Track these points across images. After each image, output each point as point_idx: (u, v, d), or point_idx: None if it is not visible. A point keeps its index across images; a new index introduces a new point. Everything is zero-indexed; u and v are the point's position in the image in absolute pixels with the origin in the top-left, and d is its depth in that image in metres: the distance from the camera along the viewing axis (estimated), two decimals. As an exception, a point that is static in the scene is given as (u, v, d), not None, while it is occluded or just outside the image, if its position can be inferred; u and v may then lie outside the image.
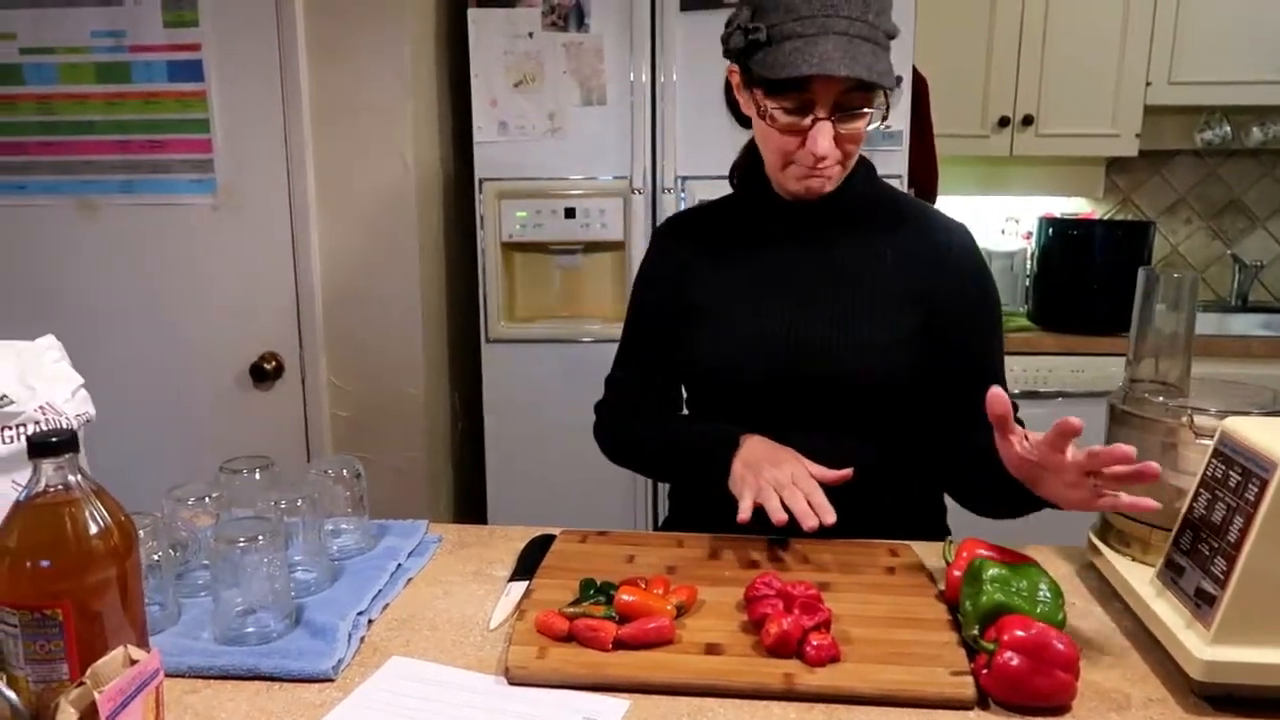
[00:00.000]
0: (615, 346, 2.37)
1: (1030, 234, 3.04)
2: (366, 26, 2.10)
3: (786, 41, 1.08)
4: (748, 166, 1.30)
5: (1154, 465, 0.87)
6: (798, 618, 0.91)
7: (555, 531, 1.21)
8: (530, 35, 2.24)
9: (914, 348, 1.22)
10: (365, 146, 2.15)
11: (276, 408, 2.25)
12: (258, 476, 1.13)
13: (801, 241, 1.27)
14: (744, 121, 1.27)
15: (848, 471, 1.15)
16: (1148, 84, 2.71)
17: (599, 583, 1.02)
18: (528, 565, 1.11)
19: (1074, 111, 2.75)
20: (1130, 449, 0.87)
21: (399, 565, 1.13)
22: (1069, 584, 1.09)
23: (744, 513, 1.09)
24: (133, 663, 0.70)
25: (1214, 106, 2.83)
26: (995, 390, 0.96)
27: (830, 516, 1.06)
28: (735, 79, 1.22)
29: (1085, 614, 1.03)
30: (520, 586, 1.06)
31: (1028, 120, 2.76)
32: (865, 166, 1.27)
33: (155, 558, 1.00)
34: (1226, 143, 2.89)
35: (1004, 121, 2.76)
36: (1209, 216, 3.12)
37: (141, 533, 0.97)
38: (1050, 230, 2.68)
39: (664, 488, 2.40)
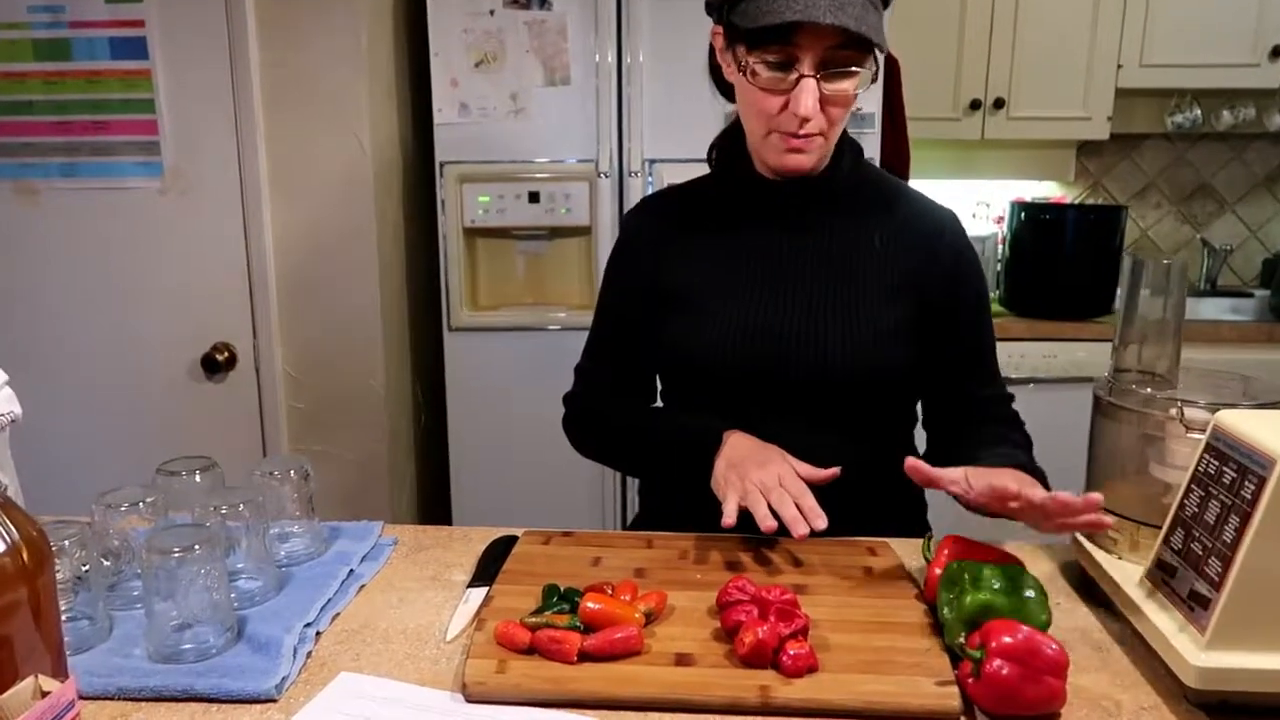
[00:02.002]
0: (583, 335, 2.31)
1: (1001, 218, 3.01)
2: (321, 2, 2.01)
3: None
4: (727, 146, 1.24)
5: (1107, 520, 0.92)
6: (773, 625, 0.86)
7: (518, 532, 1.15)
8: (491, 13, 2.16)
9: (904, 338, 1.18)
10: (320, 128, 2.07)
11: (230, 400, 2.16)
12: (198, 479, 1.06)
13: (785, 225, 1.21)
14: (727, 93, 1.21)
15: (836, 470, 1.10)
16: (1119, 66, 2.69)
17: (563, 589, 0.96)
18: (488, 570, 1.05)
19: (1045, 94, 2.72)
20: (1098, 496, 0.90)
21: (351, 571, 1.06)
22: (1052, 583, 1.05)
23: (729, 517, 1.03)
24: (44, 694, 0.63)
25: (1185, 90, 2.81)
26: (910, 462, 0.98)
27: (821, 522, 1.01)
28: (719, 42, 1.16)
29: (1069, 613, 0.99)
30: (479, 593, 1.01)
31: (999, 103, 2.72)
32: (853, 147, 1.22)
33: (85, 569, 0.93)
34: (1197, 126, 2.88)
35: (975, 104, 2.73)
36: (1178, 200, 3.11)
37: (68, 542, 0.90)
38: (1022, 214, 2.66)
39: (634, 481, 2.35)
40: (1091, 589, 1.02)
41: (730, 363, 1.19)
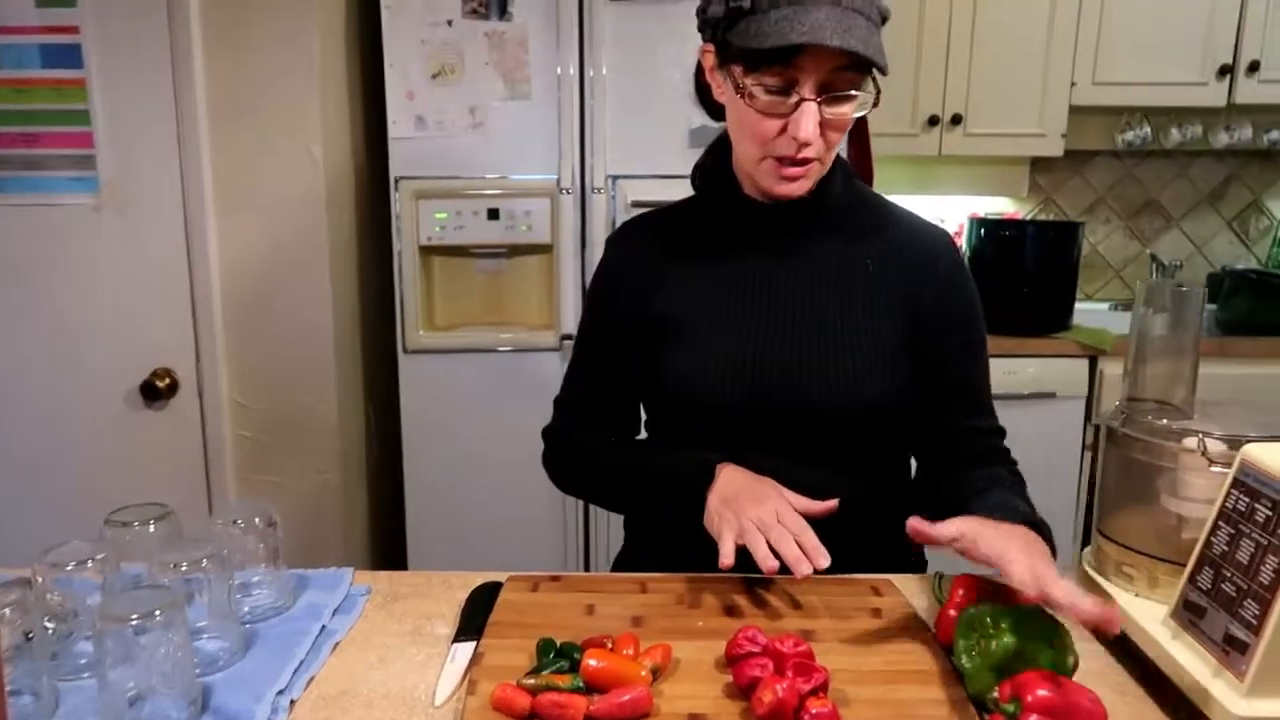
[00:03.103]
0: (544, 357, 2.26)
1: (959, 233, 3.02)
2: (270, 10, 1.91)
3: (774, 9, 0.97)
4: (712, 167, 1.19)
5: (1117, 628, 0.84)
6: (792, 681, 0.80)
7: (501, 577, 1.08)
8: (449, 23, 2.09)
9: (900, 366, 1.13)
10: (269, 142, 1.97)
11: (171, 429, 2.04)
12: (152, 529, 0.97)
13: (775, 249, 1.16)
14: (714, 113, 1.16)
15: (833, 503, 1.05)
16: (1073, 84, 2.71)
17: (559, 644, 0.89)
18: (473, 621, 0.98)
19: (1002, 111, 2.73)
20: (1116, 614, 0.83)
21: (323, 627, 0.98)
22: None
23: (726, 557, 0.97)
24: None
25: (1135, 107, 2.85)
26: (912, 525, 0.94)
27: (824, 560, 0.96)
28: (708, 60, 1.11)
29: (1088, 655, 0.94)
30: (467, 649, 0.93)
31: (956, 119, 2.73)
32: (841, 166, 1.17)
33: (27, 635, 0.83)
34: (1146, 144, 2.92)
35: (933, 120, 2.73)
36: (1127, 216, 3.16)
37: (8, 610, 0.81)
38: (982, 230, 2.66)
39: (598, 511, 2.28)
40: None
41: (720, 393, 1.13)
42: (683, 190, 1.25)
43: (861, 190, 1.23)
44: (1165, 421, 0.94)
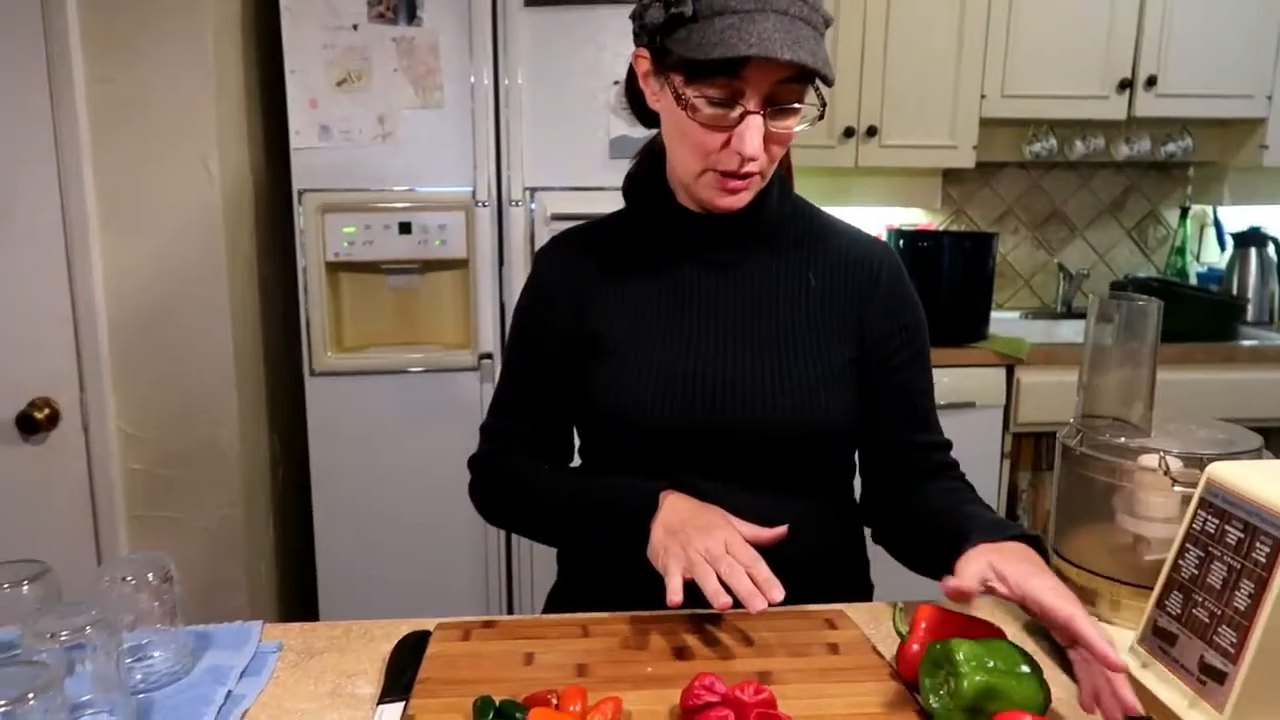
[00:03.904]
0: (461, 377, 2.16)
1: (874, 245, 3.03)
2: (158, 10, 1.78)
3: (718, 17, 0.91)
4: (644, 177, 1.13)
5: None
6: (758, 735, 0.74)
7: (429, 625, 0.99)
8: (354, 28, 1.98)
9: (847, 384, 1.08)
10: (160, 153, 1.82)
11: (51, 464, 1.87)
12: (25, 590, 0.85)
13: (713, 262, 1.11)
14: (646, 120, 1.10)
15: (783, 529, 1.00)
16: (983, 97, 2.75)
17: (498, 701, 0.81)
18: (399, 679, 0.89)
19: (915, 123, 2.75)
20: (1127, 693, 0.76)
21: (229, 693, 0.87)
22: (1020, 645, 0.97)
23: (674, 594, 0.90)
24: None
25: (1042, 120, 2.91)
26: (948, 587, 0.86)
27: (778, 593, 0.90)
28: (642, 66, 1.04)
29: (1053, 685, 0.91)
30: (394, 711, 0.84)
31: (872, 131, 2.74)
32: (779, 179, 1.12)
33: None
34: (1052, 155, 2.98)
35: (849, 132, 2.73)
36: (1034, 226, 3.22)
37: None
38: (900, 242, 2.67)
39: (519, 539, 2.19)
40: (1065, 650, 0.95)
41: (658, 414, 1.07)
42: (603, 201, 1.19)
43: (799, 202, 1.18)
44: (1124, 440, 0.91)
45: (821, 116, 1.00)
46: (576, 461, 1.21)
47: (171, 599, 0.89)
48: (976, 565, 0.87)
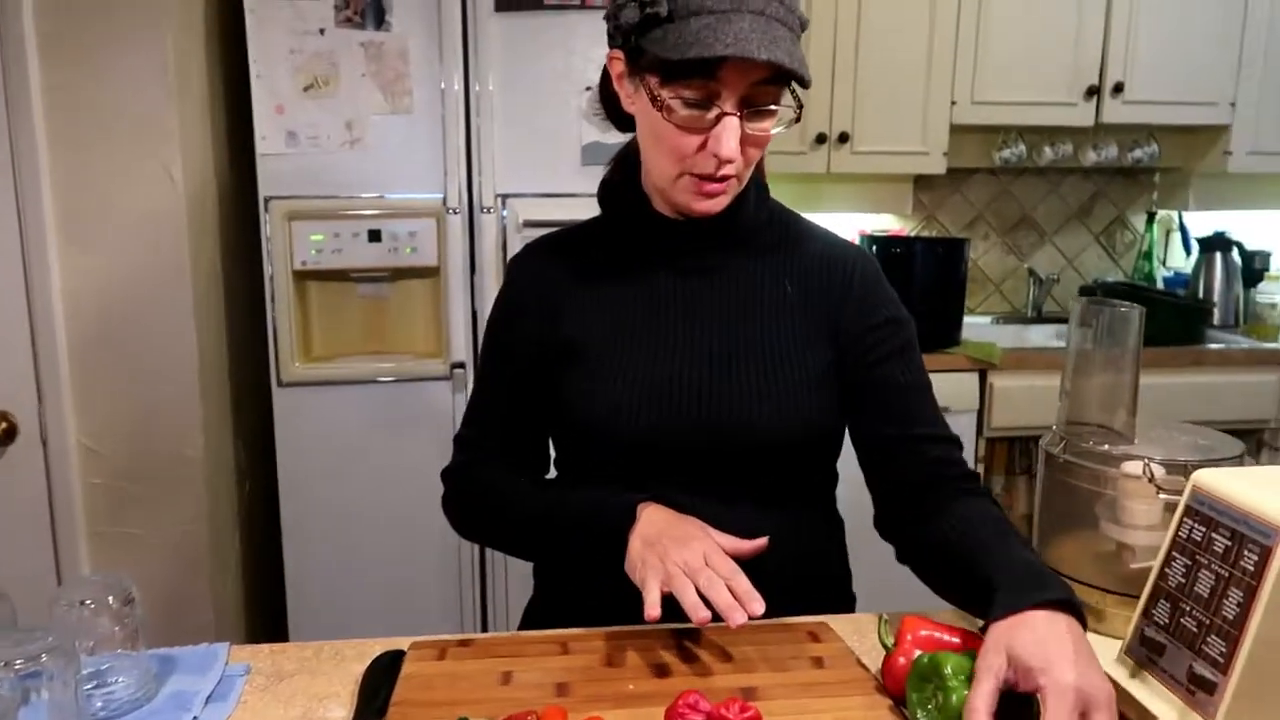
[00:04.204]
0: (432, 386, 2.13)
1: (846, 251, 3.03)
2: (117, 14, 1.73)
3: (694, 17, 0.90)
4: (619, 183, 1.11)
5: None
6: (745, 755, 0.72)
7: (402, 644, 0.96)
8: (321, 32, 1.95)
9: (827, 389, 1.07)
10: (121, 161, 1.78)
11: (8, 480, 1.81)
12: (-22, 616, 0.81)
13: (689, 268, 1.09)
14: (621, 124, 1.08)
15: (763, 541, 0.98)
16: (953, 103, 2.76)
17: (477, 725, 0.79)
18: (373, 700, 0.86)
19: (887, 129, 2.76)
20: None
21: (194, 719, 0.84)
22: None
23: (652, 608, 0.88)
24: None
25: (1011, 126, 2.93)
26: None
27: (759, 606, 0.88)
28: (617, 68, 1.02)
29: (1039, 696, 0.90)
30: (369, 735, 0.81)
31: (844, 137, 2.74)
32: (756, 183, 1.11)
33: None
34: (1021, 161, 3.00)
35: (821, 138, 2.73)
36: (1004, 232, 3.24)
37: None
38: (872, 247, 2.67)
39: (491, 551, 2.16)
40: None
41: (635, 423, 1.05)
42: (576, 208, 1.17)
43: (775, 207, 1.17)
44: (1107, 447, 0.90)
45: (798, 119, 0.99)
46: (553, 473, 1.19)
47: (133, 622, 0.86)
48: (993, 670, 0.77)
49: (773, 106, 0.97)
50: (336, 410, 2.10)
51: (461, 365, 2.08)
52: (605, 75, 1.07)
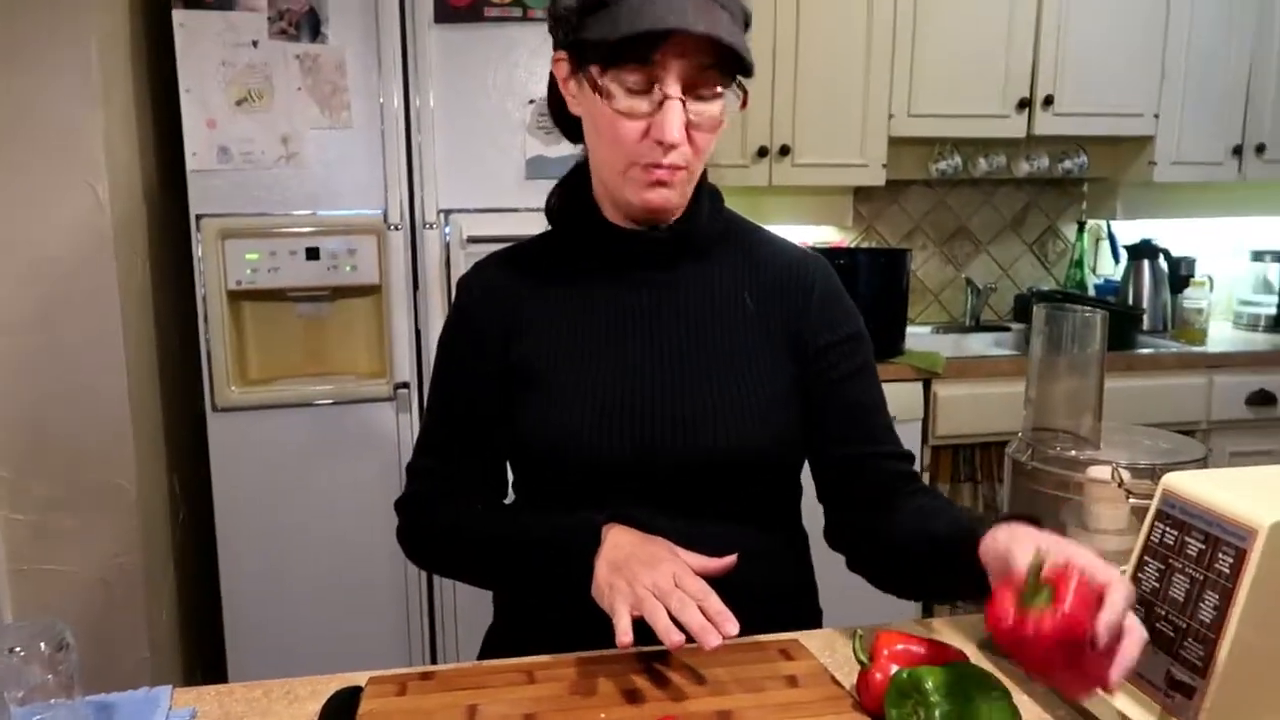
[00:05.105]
0: (375, 408, 2.07)
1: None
2: (33, 18, 1.65)
3: None
4: (569, 196, 1.08)
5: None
6: (728, 783, 0.70)
7: (359, 679, 0.92)
8: (254, 44, 1.88)
9: (790, 403, 1.05)
10: (42, 177, 1.69)
11: (-77, 517, 1.71)
12: (-106, 669, 0.75)
13: (645, 280, 1.07)
14: (571, 132, 1.06)
15: (732, 559, 0.96)
16: (890, 116, 2.79)
17: (444, 763, 0.75)
18: (332, 742, 0.81)
19: (827, 142, 2.78)
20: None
21: (137, 771, 0.79)
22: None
23: (623, 635, 0.85)
24: None
25: (947, 138, 2.98)
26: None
27: (733, 626, 0.85)
28: (561, 69, 1.01)
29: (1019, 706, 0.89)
30: (328, 780, 0.77)
31: (785, 150, 2.75)
32: (710, 193, 1.09)
33: None
34: (957, 173, 3.05)
35: (763, 152, 2.74)
36: (941, 242, 3.29)
37: None
38: (817, 260, 2.68)
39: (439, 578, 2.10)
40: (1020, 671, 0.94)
41: (596, 443, 1.02)
42: (521, 223, 1.15)
43: (732, 217, 1.16)
44: (1074, 452, 0.90)
45: (744, 105, 0.98)
46: (511, 496, 1.15)
47: (68, 668, 0.80)
48: (1024, 550, 0.77)
49: (719, 90, 0.96)
50: (275, 435, 2.02)
51: (406, 385, 2.03)
52: (553, 82, 1.05)
